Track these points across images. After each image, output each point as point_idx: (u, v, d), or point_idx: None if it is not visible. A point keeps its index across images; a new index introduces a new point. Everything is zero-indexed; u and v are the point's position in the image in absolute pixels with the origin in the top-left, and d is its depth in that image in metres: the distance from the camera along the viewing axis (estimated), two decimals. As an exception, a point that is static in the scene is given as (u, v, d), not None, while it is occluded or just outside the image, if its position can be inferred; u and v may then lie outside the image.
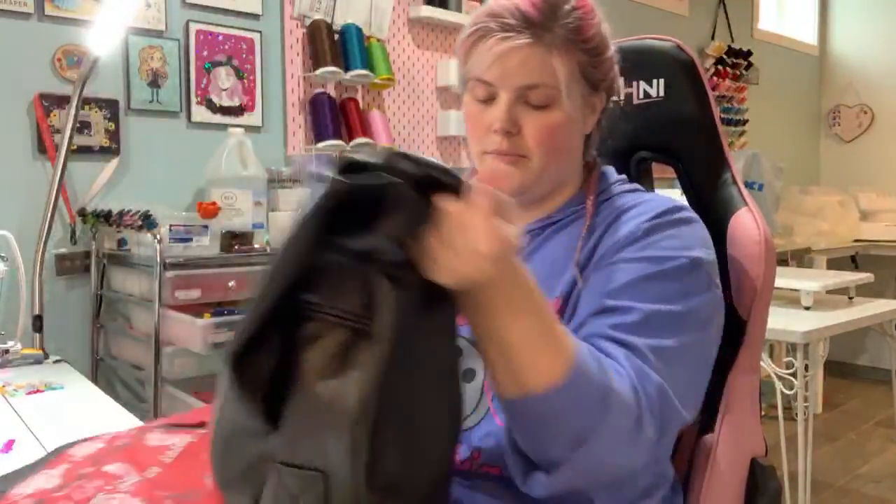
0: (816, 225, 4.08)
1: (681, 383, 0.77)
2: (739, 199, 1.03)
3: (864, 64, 5.06)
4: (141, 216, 1.92)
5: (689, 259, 0.82)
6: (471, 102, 0.91)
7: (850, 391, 4.18)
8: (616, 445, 0.72)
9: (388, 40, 2.82)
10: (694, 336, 0.80)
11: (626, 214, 0.88)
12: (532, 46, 0.84)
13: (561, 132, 0.88)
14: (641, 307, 0.79)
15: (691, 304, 0.80)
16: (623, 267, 0.83)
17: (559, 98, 0.86)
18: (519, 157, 0.88)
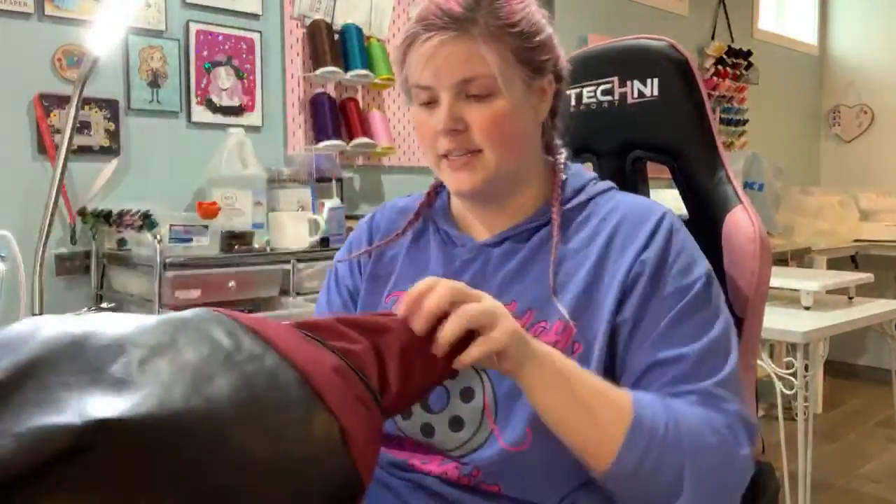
0: (816, 225, 4.08)
1: (742, 397, 0.83)
2: (734, 197, 1.03)
3: (864, 64, 5.06)
4: (141, 216, 1.92)
5: (703, 277, 0.85)
6: (417, 111, 0.90)
7: (850, 391, 4.18)
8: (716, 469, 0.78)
9: (388, 40, 2.82)
10: (732, 355, 0.84)
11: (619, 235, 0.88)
12: (458, 39, 0.84)
13: (507, 121, 0.86)
14: (688, 351, 0.82)
15: (719, 325, 0.84)
16: (653, 310, 0.84)
17: (497, 87, 0.85)
18: (472, 154, 0.87)
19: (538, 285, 0.88)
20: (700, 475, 0.76)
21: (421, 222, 1.00)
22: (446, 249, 0.95)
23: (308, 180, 2.42)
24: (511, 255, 0.91)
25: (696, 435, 0.77)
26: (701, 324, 0.83)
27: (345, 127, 2.65)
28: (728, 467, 0.78)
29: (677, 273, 0.85)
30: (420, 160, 2.95)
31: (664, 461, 0.76)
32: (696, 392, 0.80)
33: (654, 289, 0.84)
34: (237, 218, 2.17)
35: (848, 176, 4.96)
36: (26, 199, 2.03)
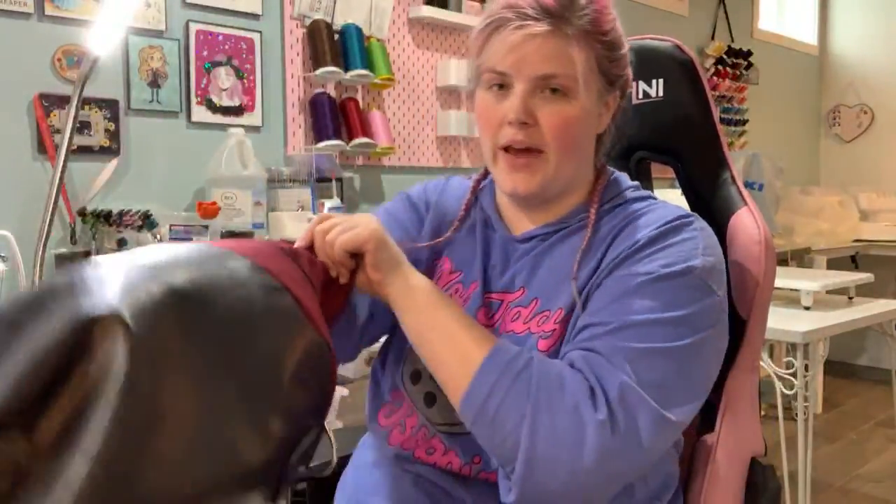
0: (816, 225, 4.08)
1: (658, 380, 0.76)
2: (739, 198, 1.03)
3: (864, 64, 5.06)
4: (141, 216, 1.92)
5: (681, 268, 0.81)
6: (484, 96, 0.88)
7: (850, 391, 4.18)
8: (558, 428, 0.73)
9: (388, 40, 2.82)
10: (680, 341, 0.78)
11: (629, 227, 0.87)
12: (550, 35, 0.83)
13: (577, 125, 0.86)
14: (617, 319, 0.79)
15: (679, 312, 0.79)
16: (613, 282, 0.83)
17: (576, 90, 0.84)
18: (534, 154, 0.86)
19: (549, 276, 0.89)
20: (538, 433, 0.73)
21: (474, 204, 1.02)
22: (486, 231, 0.98)
23: (308, 180, 2.42)
24: (532, 248, 0.93)
25: (549, 388, 0.74)
26: (647, 305, 0.79)
27: (345, 127, 2.64)
28: (573, 433, 0.73)
29: (655, 258, 0.83)
30: (420, 160, 2.95)
31: (509, 403, 0.74)
32: (593, 350, 0.78)
33: (625, 266, 0.83)
34: (237, 218, 2.17)
35: (848, 176, 4.96)
36: (26, 199, 2.02)
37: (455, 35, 3.05)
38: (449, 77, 2.96)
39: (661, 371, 0.77)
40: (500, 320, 0.90)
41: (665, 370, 0.77)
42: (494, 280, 0.93)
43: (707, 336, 0.81)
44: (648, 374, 0.76)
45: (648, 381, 0.76)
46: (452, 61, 2.97)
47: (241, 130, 2.28)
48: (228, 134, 2.26)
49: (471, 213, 1.00)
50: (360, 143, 2.64)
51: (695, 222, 0.87)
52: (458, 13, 2.97)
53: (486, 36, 0.87)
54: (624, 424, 0.73)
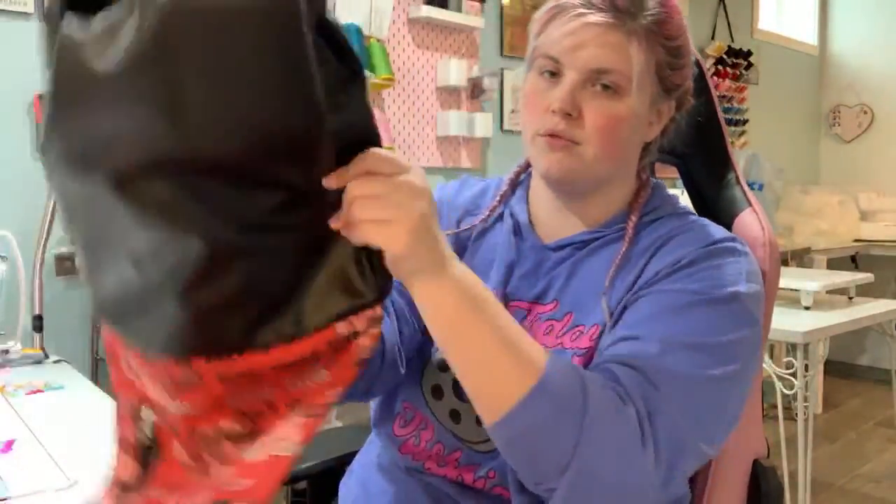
0: (816, 225, 4.08)
1: (702, 415, 0.73)
2: (743, 199, 1.02)
3: (864, 64, 5.06)
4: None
5: (726, 293, 0.77)
6: (533, 80, 0.85)
7: (850, 391, 4.18)
8: (607, 458, 0.68)
9: (388, 40, 2.82)
10: (716, 371, 0.74)
11: (673, 242, 0.83)
12: (612, 28, 0.79)
13: (622, 126, 0.81)
14: (659, 336, 0.74)
15: (724, 338, 0.76)
16: (653, 298, 0.79)
17: (629, 89, 0.80)
18: (570, 144, 0.81)
19: (584, 289, 0.85)
20: (592, 459, 0.68)
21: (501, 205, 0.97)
22: (514, 238, 0.93)
23: (308, 180, 2.42)
24: (566, 258, 0.88)
25: (602, 426, 0.68)
26: (694, 326, 0.75)
27: (345, 127, 2.64)
28: (624, 464, 0.69)
29: (700, 278, 0.78)
30: (420, 160, 2.95)
31: (559, 431, 0.68)
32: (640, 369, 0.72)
33: (668, 283, 0.79)
34: (237, 218, 2.17)
35: (848, 176, 4.97)
36: (26, 199, 2.02)
37: (455, 35, 3.05)
38: (449, 77, 2.96)
39: (706, 403, 0.74)
40: (530, 332, 0.83)
41: (709, 402, 0.74)
42: (524, 289, 0.89)
43: (748, 364, 0.78)
44: (695, 407, 0.73)
45: (695, 414, 0.73)
46: (452, 61, 2.97)
47: (241, 130, 2.28)
48: (228, 134, 2.25)
49: (497, 216, 0.96)
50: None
51: (740, 246, 0.83)
52: (458, 13, 2.97)
53: (546, 20, 0.83)
54: (667, 465, 0.70)
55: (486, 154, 3.20)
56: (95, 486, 0.83)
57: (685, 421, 0.71)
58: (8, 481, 0.85)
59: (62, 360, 1.58)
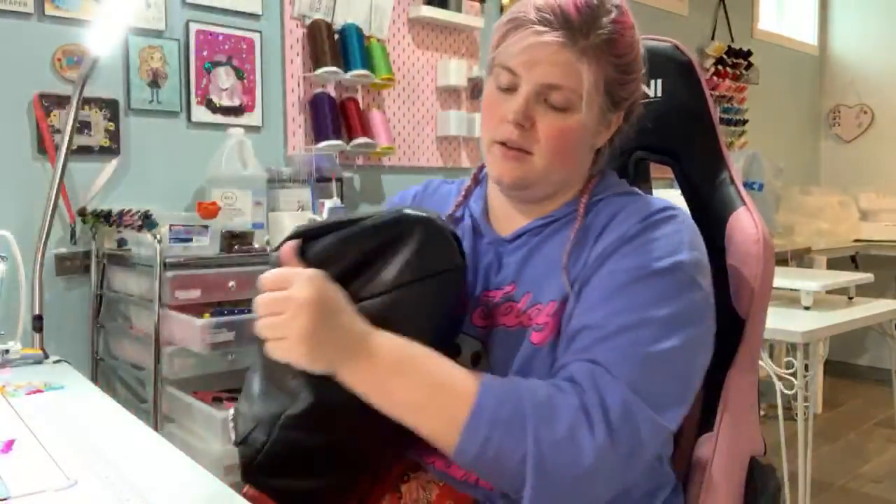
0: (816, 225, 4.08)
1: (655, 388, 0.78)
2: (737, 198, 1.03)
3: (864, 64, 5.06)
4: (141, 216, 1.92)
5: (667, 264, 0.82)
6: (492, 89, 0.90)
7: (850, 391, 4.18)
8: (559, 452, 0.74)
9: (388, 40, 2.82)
10: (671, 341, 0.79)
11: (615, 219, 0.88)
12: (564, 47, 0.84)
13: (571, 138, 0.87)
14: (611, 321, 0.80)
15: (669, 309, 0.80)
16: (603, 278, 0.84)
17: (578, 105, 0.85)
18: (523, 153, 0.87)
19: (539, 269, 0.90)
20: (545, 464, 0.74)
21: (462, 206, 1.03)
22: (474, 237, 0.99)
23: (308, 180, 2.42)
24: (522, 245, 0.94)
25: (543, 418, 0.75)
26: (640, 301, 0.81)
27: (345, 127, 2.65)
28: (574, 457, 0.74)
29: (639, 252, 0.83)
30: (420, 160, 2.95)
31: (505, 448, 0.74)
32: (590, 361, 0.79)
33: (609, 263, 0.84)
34: (237, 218, 2.17)
35: (848, 176, 4.96)
36: (26, 199, 2.02)
37: (455, 35, 3.05)
38: (449, 77, 2.96)
39: (659, 376, 0.79)
40: (495, 316, 0.92)
41: (662, 375, 0.79)
42: (485, 281, 0.95)
43: (697, 333, 0.82)
44: (647, 382, 0.78)
45: (647, 389, 0.77)
46: (452, 61, 2.97)
47: (241, 130, 2.28)
48: (228, 134, 2.26)
49: (459, 218, 1.02)
50: (360, 143, 2.64)
51: (679, 215, 0.88)
52: (458, 13, 2.97)
53: (505, 31, 0.88)
54: (627, 440, 0.75)
55: (486, 154, 3.20)
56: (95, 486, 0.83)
57: (636, 397, 0.76)
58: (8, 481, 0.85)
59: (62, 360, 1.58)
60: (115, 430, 1.06)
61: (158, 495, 0.81)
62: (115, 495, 0.81)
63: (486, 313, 0.93)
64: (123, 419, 1.12)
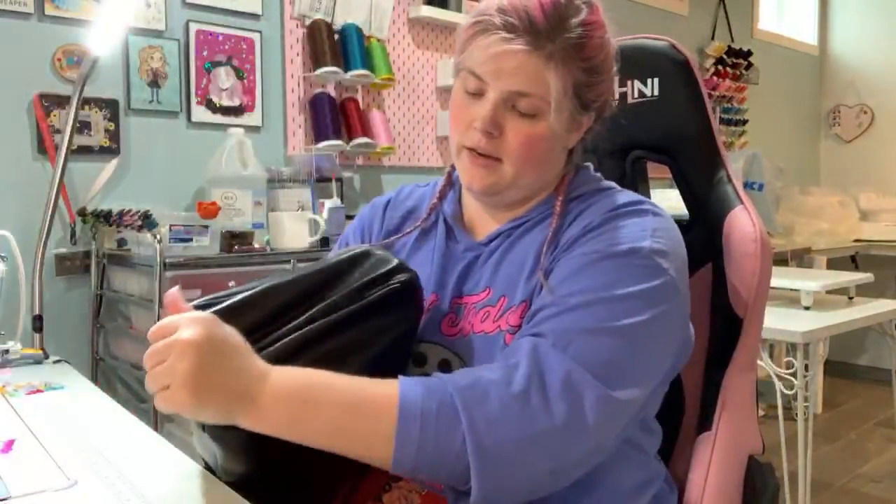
0: (816, 225, 4.08)
1: (603, 362, 0.76)
2: (735, 197, 1.03)
3: (864, 64, 5.06)
4: (141, 216, 1.92)
5: (627, 248, 0.81)
6: (459, 93, 0.89)
7: (850, 391, 4.18)
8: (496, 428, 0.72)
9: (388, 40, 2.82)
10: (627, 319, 0.77)
11: (583, 213, 0.88)
12: (530, 54, 0.82)
13: (541, 144, 0.86)
14: (564, 300, 0.79)
15: (625, 289, 0.79)
16: (562, 265, 0.83)
17: (547, 111, 0.84)
18: (493, 161, 0.86)
19: (511, 271, 0.89)
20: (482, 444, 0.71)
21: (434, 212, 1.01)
22: (449, 243, 0.97)
23: (308, 180, 2.42)
24: (496, 248, 0.93)
25: (475, 402, 0.72)
26: (595, 283, 0.79)
27: (345, 127, 2.65)
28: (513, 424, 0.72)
29: (602, 239, 0.83)
30: (420, 160, 2.95)
31: (442, 439, 0.72)
32: (533, 334, 0.78)
33: (574, 248, 0.84)
34: (237, 218, 2.17)
35: (848, 176, 4.96)
36: (26, 199, 2.03)
37: (455, 35, 3.05)
38: (449, 77, 2.95)
39: (607, 350, 0.76)
40: (468, 323, 0.90)
41: (611, 348, 0.77)
42: (460, 286, 0.93)
43: (657, 314, 0.80)
44: (594, 354, 0.76)
45: (593, 360, 0.75)
46: (452, 61, 2.97)
47: (241, 130, 2.28)
48: (228, 134, 2.26)
49: (433, 222, 1.00)
50: (360, 143, 2.64)
51: (649, 209, 0.87)
52: (458, 13, 2.97)
53: (471, 34, 0.86)
54: (566, 410, 0.73)
55: (486, 154, 3.20)
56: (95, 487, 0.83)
57: (580, 369, 0.74)
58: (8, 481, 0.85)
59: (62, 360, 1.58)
60: (115, 430, 1.06)
61: (158, 495, 0.81)
62: (115, 495, 0.81)
63: (455, 320, 0.91)
64: (123, 419, 1.12)
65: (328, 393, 0.73)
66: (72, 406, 1.18)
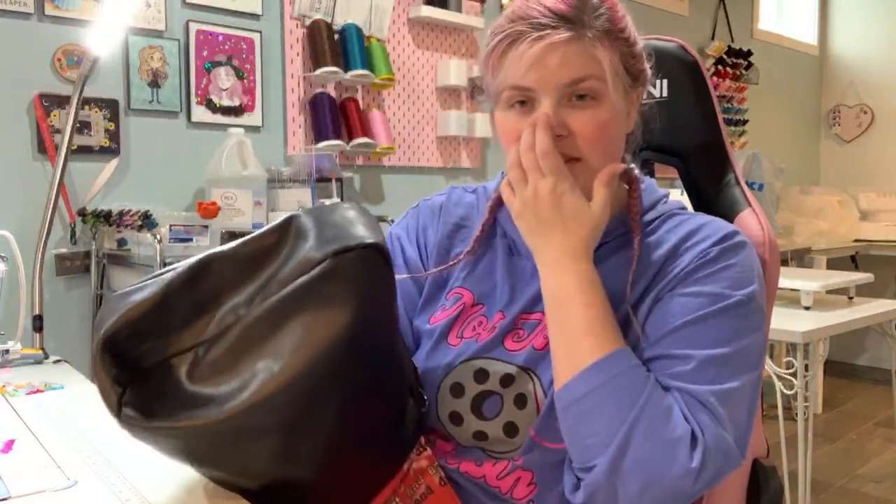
0: (816, 225, 4.08)
1: (738, 425, 0.77)
2: (743, 200, 1.02)
3: (864, 64, 5.06)
4: (141, 216, 1.92)
5: (744, 296, 0.80)
6: (506, 116, 0.84)
7: (850, 391, 4.18)
8: (651, 451, 0.72)
9: (388, 40, 2.82)
10: (747, 376, 0.78)
11: (685, 244, 0.84)
12: (573, 41, 0.79)
13: (610, 127, 0.83)
14: (697, 354, 0.77)
15: (744, 343, 0.79)
16: (679, 303, 0.80)
17: (606, 91, 0.81)
18: (573, 162, 0.82)
19: None
20: (629, 448, 0.72)
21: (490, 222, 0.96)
22: (511, 259, 0.92)
23: (308, 180, 2.42)
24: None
25: (656, 413, 0.73)
26: (722, 335, 0.78)
27: (345, 127, 2.65)
28: (664, 467, 0.72)
29: (719, 278, 0.80)
30: (420, 160, 2.95)
31: (607, 409, 0.74)
32: (685, 391, 0.76)
33: (688, 284, 0.81)
34: (237, 218, 2.17)
35: (848, 176, 4.97)
36: (26, 199, 2.02)
37: (455, 35, 3.05)
38: (449, 77, 2.96)
39: (739, 412, 0.77)
40: (538, 338, 0.87)
41: (741, 410, 0.78)
42: (534, 305, 0.89)
43: (763, 363, 0.82)
44: (733, 420, 0.76)
45: (734, 428, 0.76)
46: (452, 61, 2.97)
47: (241, 130, 2.28)
48: (228, 134, 2.26)
49: (489, 237, 0.95)
50: (360, 143, 2.64)
51: (745, 239, 0.85)
52: (458, 13, 2.97)
53: (500, 53, 0.82)
54: (710, 476, 0.74)
55: (486, 154, 3.20)
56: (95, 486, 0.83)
57: (728, 432, 0.75)
58: (8, 481, 0.85)
59: (62, 360, 1.58)
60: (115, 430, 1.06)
61: (158, 495, 0.81)
62: (115, 495, 0.81)
63: (522, 336, 0.88)
64: (123, 419, 1.11)
65: (599, 295, 0.80)
66: (72, 406, 1.18)
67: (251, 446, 0.70)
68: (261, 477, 0.75)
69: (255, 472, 0.75)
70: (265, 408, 0.66)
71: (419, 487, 0.87)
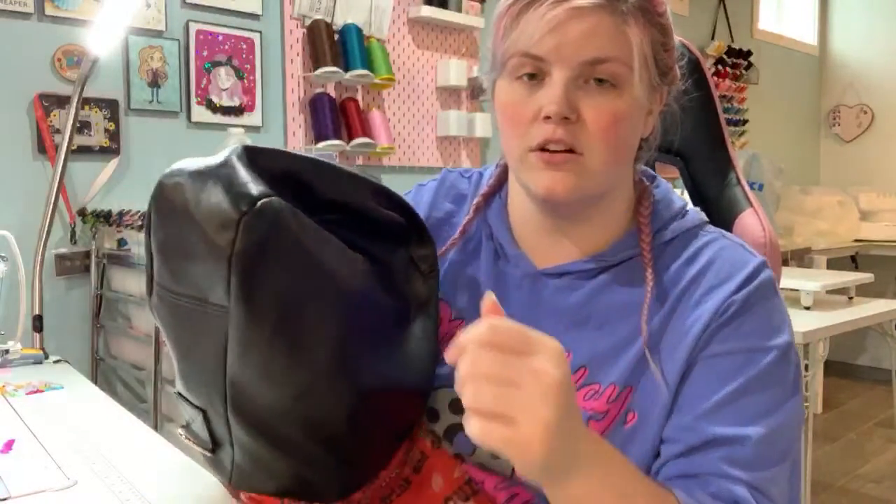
0: (816, 225, 4.08)
1: (795, 496, 0.72)
2: (744, 200, 1.02)
3: (864, 64, 5.06)
4: (141, 216, 1.92)
5: (781, 350, 0.70)
6: (510, 88, 0.70)
7: (850, 391, 4.18)
8: None
9: (388, 40, 2.82)
10: (797, 440, 0.71)
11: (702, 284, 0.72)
12: (602, 10, 0.66)
13: (625, 122, 0.69)
14: (749, 434, 0.66)
15: (790, 403, 0.70)
16: (716, 371, 0.69)
17: (629, 79, 0.67)
18: (573, 156, 0.68)
19: (599, 337, 0.72)
20: None
21: (475, 221, 0.83)
22: (497, 265, 0.79)
23: (308, 180, 2.42)
24: (569, 291, 0.75)
25: None
26: (769, 403, 0.68)
27: (345, 127, 2.65)
28: None
29: (754, 331, 0.70)
30: (420, 160, 2.95)
31: None
32: (747, 483, 0.65)
33: (723, 341, 0.69)
34: (237, 218, 2.17)
35: (848, 176, 4.97)
36: (26, 199, 2.02)
37: (455, 35, 3.05)
38: (449, 77, 2.96)
39: (795, 479, 0.72)
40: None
41: (795, 476, 0.72)
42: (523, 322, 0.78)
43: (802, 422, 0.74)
44: (792, 493, 0.70)
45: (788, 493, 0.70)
46: (452, 61, 2.97)
47: (241, 130, 2.28)
48: (228, 134, 2.25)
49: (474, 238, 0.82)
50: (360, 143, 2.64)
51: (770, 272, 0.74)
52: (458, 13, 2.97)
53: (516, 13, 0.69)
54: None
55: (486, 154, 3.20)
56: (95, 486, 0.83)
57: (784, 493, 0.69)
58: (8, 481, 0.85)
59: (62, 360, 1.58)
60: (115, 430, 1.06)
61: (158, 495, 0.81)
62: (115, 495, 0.81)
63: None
64: (123, 419, 1.12)
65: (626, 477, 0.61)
66: (72, 406, 1.18)
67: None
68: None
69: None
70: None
71: (415, 454, 0.79)
